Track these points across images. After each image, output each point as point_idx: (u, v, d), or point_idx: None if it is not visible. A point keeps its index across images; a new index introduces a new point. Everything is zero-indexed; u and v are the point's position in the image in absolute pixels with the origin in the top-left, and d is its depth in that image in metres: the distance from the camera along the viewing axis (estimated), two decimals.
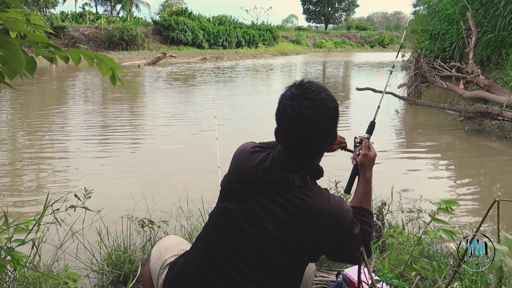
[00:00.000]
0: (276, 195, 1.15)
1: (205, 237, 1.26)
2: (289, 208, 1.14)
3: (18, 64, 0.97)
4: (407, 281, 1.83)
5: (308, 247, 1.17)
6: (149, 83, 14.22)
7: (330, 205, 1.17)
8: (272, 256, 1.14)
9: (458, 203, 1.54)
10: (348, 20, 70.23)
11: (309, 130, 1.14)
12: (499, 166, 5.05)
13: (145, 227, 2.34)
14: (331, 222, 1.15)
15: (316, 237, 1.16)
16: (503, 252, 1.06)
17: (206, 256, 1.21)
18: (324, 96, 1.16)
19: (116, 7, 47.29)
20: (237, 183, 1.23)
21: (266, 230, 1.14)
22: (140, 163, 4.94)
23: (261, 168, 1.19)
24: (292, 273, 1.21)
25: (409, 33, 16.68)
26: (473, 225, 3.23)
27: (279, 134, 1.21)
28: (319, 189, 1.20)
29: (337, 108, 1.19)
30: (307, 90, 1.15)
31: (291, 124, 1.14)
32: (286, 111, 1.14)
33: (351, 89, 11.75)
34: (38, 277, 1.74)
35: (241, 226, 1.17)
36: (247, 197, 1.18)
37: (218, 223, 1.23)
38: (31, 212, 3.38)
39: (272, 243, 1.14)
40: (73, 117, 7.83)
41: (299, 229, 1.14)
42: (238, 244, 1.17)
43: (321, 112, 1.13)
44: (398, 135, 6.96)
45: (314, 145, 1.18)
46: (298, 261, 1.19)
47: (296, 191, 1.15)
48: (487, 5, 11.32)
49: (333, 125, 1.19)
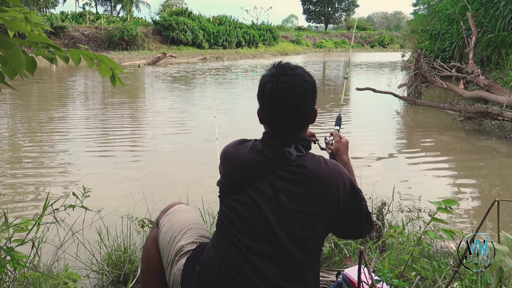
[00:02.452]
0: (279, 171, 1.19)
1: (225, 235, 1.22)
2: (295, 179, 1.18)
3: (18, 64, 0.97)
4: (407, 281, 1.83)
5: (326, 210, 1.20)
6: (149, 83, 14.22)
7: (330, 164, 1.24)
8: (298, 231, 1.16)
9: (457, 202, 1.55)
10: (348, 20, 70.24)
11: (289, 103, 1.20)
12: (499, 166, 5.05)
13: (145, 227, 2.34)
14: (337, 178, 1.22)
15: (329, 196, 1.19)
16: (503, 252, 1.06)
17: (235, 251, 1.18)
18: (301, 72, 1.23)
19: (116, 7, 47.29)
20: (236, 174, 1.24)
21: (282, 207, 1.16)
22: (140, 163, 4.94)
23: (254, 152, 1.23)
24: (320, 244, 1.24)
25: (409, 33, 16.67)
26: (473, 225, 3.23)
27: (262, 113, 1.28)
28: (314, 155, 1.26)
29: (315, 84, 1.26)
30: (285, 67, 1.23)
31: (271, 99, 1.21)
32: (266, 87, 1.22)
33: (351, 89, 11.76)
34: (38, 277, 1.74)
35: (258, 212, 1.17)
36: (250, 183, 1.20)
37: (233, 217, 1.21)
38: (31, 212, 3.38)
39: (292, 218, 1.16)
40: (73, 117, 7.83)
41: (311, 194, 1.17)
42: (261, 229, 1.17)
43: (299, 85, 1.19)
44: (398, 135, 6.96)
45: (296, 119, 1.24)
46: (321, 229, 1.21)
47: (296, 161, 1.20)
48: (487, 5, 11.32)
49: (311, 98, 1.25)
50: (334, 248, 2.38)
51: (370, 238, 2.50)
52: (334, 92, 12.31)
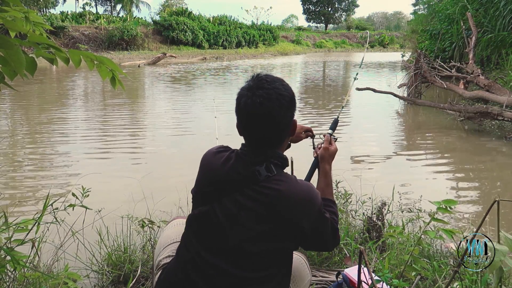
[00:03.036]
0: (247, 189, 1.17)
1: (186, 244, 1.26)
2: (261, 199, 1.15)
3: (18, 64, 0.97)
4: (407, 281, 1.83)
5: (288, 234, 1.18)
6: (149, 83, 14.22)
7: (300, 187, 1.19)
8: (255, 250, 1.15)
9: (457, 202, 1.55)
10: (348, 20, 70.24)
11: (264, 118, 1.17)
12: (499, 166, 5.05)
13: (145, 227, 2.34)
14: (304, 203, 1.18)
15: (293, 221, 1.16)
16: (503, 252, 1.06)
17: (190, 262, 1.21)
18: (278, 85, 1.20)
19: (116, 7, 47.30)
20: (207, 186, 1.25)
21: (244, 226, 1.15)
22: (141, 163, 4.94)
23: (227, 166, 1.21)
24: (278, 263, 1.21)
25: (409, 33, 16.66)
26: (473, 225, 3.23)
27: (238, 126, 1.25)
28: (286, 175, 1.22)
29: (292, 97, 1.23)
30: (262, 81, 1.20)
31: (246, 113, 1.19)
32: (241, 101, 1.20)
33: (351, 89, 11.78)
34: (38, 277, 1.74)
35: (219, 227, 1.18)
36: (220, 197, 1.20)
37: (195, 228, 1.24)
38: (31, 212, 3.38)
39: (251, 237, 1.15)
40: (73, 117, 7.83)
41: (275, 217, 1.15)
42: (218, 245, 1.18)
43: (274, 100, 1.16)
44: (398, 135, 6.96)
45: (272, 133, 1.21)
46: (281, 250, 1.19)
47: (264, 182, 1.17)
48: (487, 5, 11.31)
49: (288, 113, 1.22)
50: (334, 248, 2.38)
51: (370, 238, 2.51)
52: (335, 93, 12.32)
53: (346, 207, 2.68)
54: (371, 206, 2.71)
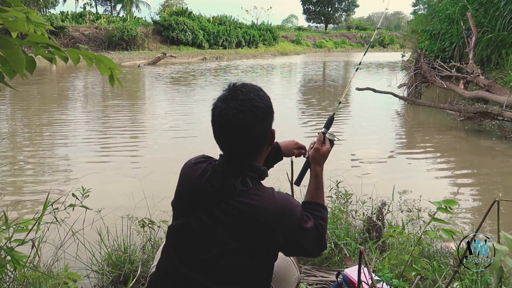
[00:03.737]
0: (222, 203, 1.15)
1: (165, 256, 1.27)
2: (235, 214, 1.13)
3: (18, 64, 0.98)
4: (407, 281, 1.83)
5: (263, 247, 1.16)
6: (149, 84, 14.22)
7: (276, 202, 1.16)
8: (228, 264, 1.14)
9: (458, 203, 1.55)
10: (348, 20, 70.23)
11: (237, 130, 1.14)
12: (499, 166, 5.05)
13: (146, 227, 2.34)
14: (280, 218, 1.14)
15: (268, 236, 1.14)
16: (503, 252, 1.06)
17: (169, 274, 1.21)
18: (253, 96, 1.16)
19: (116, 7, 47.29)
20: (184, 198, 1.24)
21: (219, 240, 1.14)
22: (141, 163, 4.94)
23: (203, 179, 1.19)
24: (254, 276, 1.19)
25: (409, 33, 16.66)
26: (473, 225, 3.23)
27: (214, 138, 1.22)
28: (263, 189, 1.18)
29: (268, 107, 1.19)
30: (237, 91, 1.16)
31: (220, 125, 1.17)
32: (215, 113, 1.17)
33: (351, 89, 11.75)
34: (38, 277, 1.74)
35: (195, 240, 1.17)
36: (196, 210, 1.18)
37: (173, 241, 1.24)
38: (31, 212, 3.38)
39: (226, 252, 1.14)
40: (73, 117, 7.84)
41: (249, 232, 1.13)
42: (194, 258, 1.17)
43: (247, 112, 1.13)
44: (398, 135, 6.96)
45: (247, 145, 1.18)
46: (257, 263, 1.17)
47: (239, 196, 1.14)
48: (487, 5, 11.32)
49: (264, 124, 1.18)
50: (334, 248, 2.38)
51: (370, 238, 2.51)
52: (335, 94, 12.32)
53: (346, 207, 2.67)
54: (371, 206, 2.72)
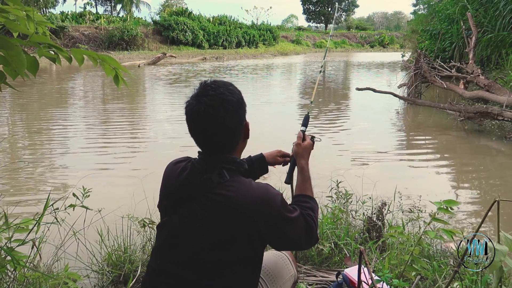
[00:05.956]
0: (201, 198, 1.17)
1: (152, 253, 1.29)
2: (212, 206, 1.15)
3: (19, 65, 0.97)
4: (407, 281, 1.83)
5: (246, 239, 1.16)
6: (149, 84, 14.22)
7: (253, 191, 1.17)
8: (213, 258, 1.15)
9: (458, 203, 1.55)
10: (348, 20, 70.23)
11: (210, 123, 1.17)
12: (499, 166, 5.05)
13: (146, 227, 2.34)
14: (258, 207, 1.15)
15: (248, 226, 1.15)
16: (503, 252, 1.06)
17: (156, 272, 1.23)
18: (222, 91, 1.19)
19: (116, 7, 47.25)
20: (166, 198, 1.28)
21: (200, 235, 1.16)
22: (141, 163, 4.94)
23: (182, 177, 1.23)
24: (240, 269, 1.19)
25: (409, 33, 16.67)
26: (473, 225, 3.23)
27: (191, 135, 1.24)
28: (239, 180, 1.20)
29: (238, 100, 1.21)
30: (207, 87, 1.20)
31: (192, 121, 1.20)
32: (187, 110, 1.21)
33: (351, 89, 11.76)
34: (38, 277, 1.74)
35: (178, 237, 1.19)
36: (178, 208, 1.21)
37: (160, 240, 1.26)
38: (31, 212, 3.38)
39: (209, 245, 1.15)
40: (73, 117, 7.83)
41: (228, 223, 1.14)
42: (180, 254, 1.18)
43: (218, 106, 1.16)
44: (398, 135, 6.96)
45: (221, 138, 1.20)
46: (241, 256, 1.18)
47: (216, 188, 1.16)
48: (487, 5, 11.32)
49: (235, 116, 1.20)
50: (334, 248, 2.38)
51: (370, 238, 2.51)
52: (335, 94, 12.32)
53: (346, 207, 2.68)
54: (371, 206, 2.72)
